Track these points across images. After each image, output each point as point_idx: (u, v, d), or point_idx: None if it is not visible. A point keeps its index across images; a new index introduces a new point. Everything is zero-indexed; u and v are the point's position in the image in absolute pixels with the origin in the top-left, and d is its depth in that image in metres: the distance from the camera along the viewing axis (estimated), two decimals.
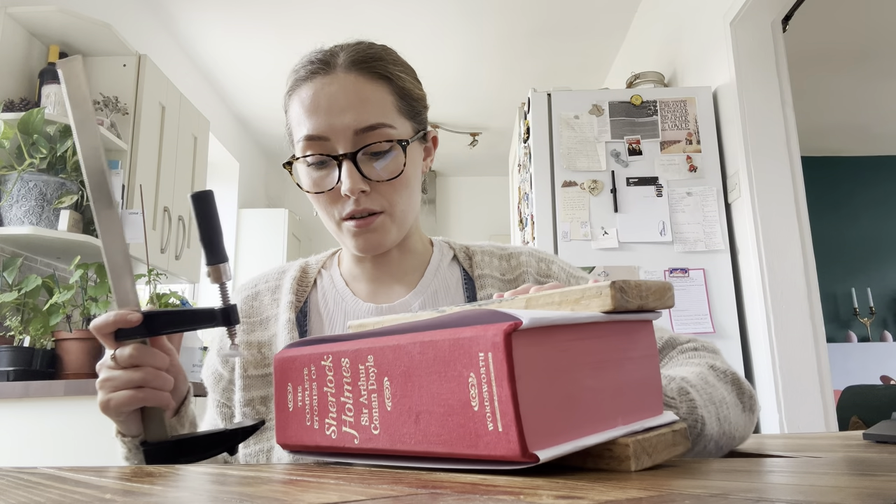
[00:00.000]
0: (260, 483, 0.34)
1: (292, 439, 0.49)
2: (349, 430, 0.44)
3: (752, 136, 2.27)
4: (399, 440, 0.41)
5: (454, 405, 0.37)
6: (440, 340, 0.39)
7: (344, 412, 0.45)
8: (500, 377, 0.35)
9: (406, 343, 0.41)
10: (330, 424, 0.46)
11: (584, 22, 3.61)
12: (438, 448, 0.38)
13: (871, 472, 0.37)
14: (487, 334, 0.36)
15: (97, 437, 1.69)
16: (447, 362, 0.38)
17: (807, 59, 3.82)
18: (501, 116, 4.77)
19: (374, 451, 0.43)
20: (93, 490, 0.32)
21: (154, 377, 0.60)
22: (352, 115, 0.69)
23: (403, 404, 0.41)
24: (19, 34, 2.42)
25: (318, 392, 0.47)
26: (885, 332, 4.87)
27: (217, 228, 0.63)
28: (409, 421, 0.40)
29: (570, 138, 2.46)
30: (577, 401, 0.38)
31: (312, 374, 0.47)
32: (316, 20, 3.55)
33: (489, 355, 0.35)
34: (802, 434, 0.95)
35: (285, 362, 0.50)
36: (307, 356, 0.48)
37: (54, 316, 1.92)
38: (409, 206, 0.76)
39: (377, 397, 0.42)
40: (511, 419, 0.34)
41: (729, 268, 2.31)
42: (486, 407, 0.36)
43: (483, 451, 0.36)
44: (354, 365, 0.44)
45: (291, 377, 0.49)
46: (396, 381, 0.41)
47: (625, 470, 0.37)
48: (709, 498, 0.25)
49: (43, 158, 2.19)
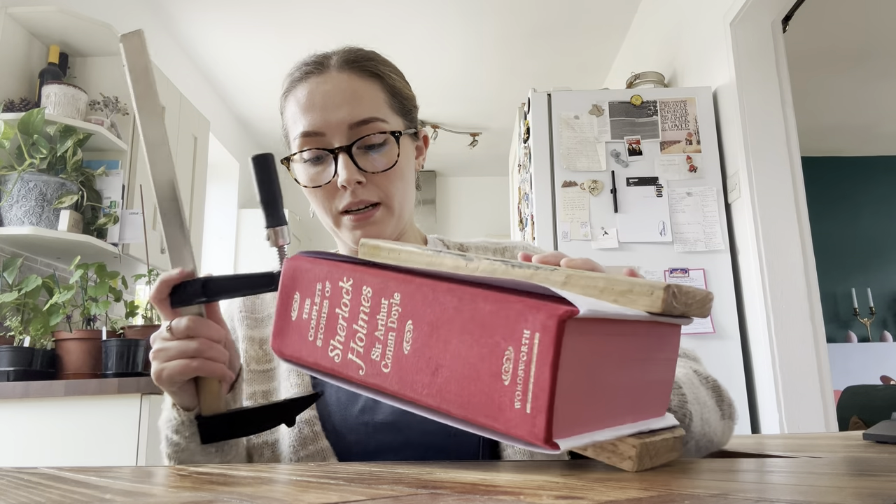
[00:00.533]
0: (260, 483, 0.34)
1: (289, 349, 0.47)
2: (356, 359, 0.43)
3: (752, 136, 2.27)
4: (410, 387, 0.39)
5: (481, 372, 0.36)
6: (482, 303, 0.37)
7: (354, 340, 0.43)
8: (543, 361, 0.34)
9: (442, 292, 0.39)
10: (335, 347, 0.44)
11: (584, 22, 3.60)
12: (452, 408, 0.37)
13: (871, 473, 0.37)
14: (539, 315, 0.34)
15: (97, 437, 1.70)
16: (485, 327, 0.37)
17: (807, 59, 3.82)
18: (501, 116, 4.77)
19: (379, 388, 0.41)
20: (93, 490, 0.32)
21: (209, 347, 0.59)
22: (346, 109, 0.72)
23: (423, 353, 0.39)
24: (19, 34, 2.42)
25: (329, 311, 0.45)
26: (885, 333, 4.87)
27: (277, 191, 0.62)
28: (425, 371, 0.39)
29: (570, 138, 2.46)
30: (599, 395, 0.38)
31: (326, 292, 0.45)
32: (316, 20, 3.55)
33: (536, 336, 0.34)
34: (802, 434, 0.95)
35: (298, 271, 0.48)
36: (324, 271, 0.46)
37: (54, 316, 1.91)
38: (405, 199, 0.77)
39: (395, 337, 0.41)
40: (543, 404, 0.34)
41: (729, 268, 2.31)
42: (517, 384, 0.35)
43: (502, 425, 0.35)
44: (377, 297, 0.42)
45: (301, 287, 0.47)
46: (421, 328, 0.40)
47: (624, 469, 0.37)
48: (709, 498, 0.25)
49: (43, 158, 2.19)
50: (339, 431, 0.70)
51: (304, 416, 0.70)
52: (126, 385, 1.71)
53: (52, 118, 2.25)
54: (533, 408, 0.34)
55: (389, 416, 0.69)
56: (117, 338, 1.87)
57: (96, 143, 2.45)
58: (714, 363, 2.22)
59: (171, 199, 0.61)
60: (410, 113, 0.80)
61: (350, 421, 0.70)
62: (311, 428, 0.69)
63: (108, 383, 1.71)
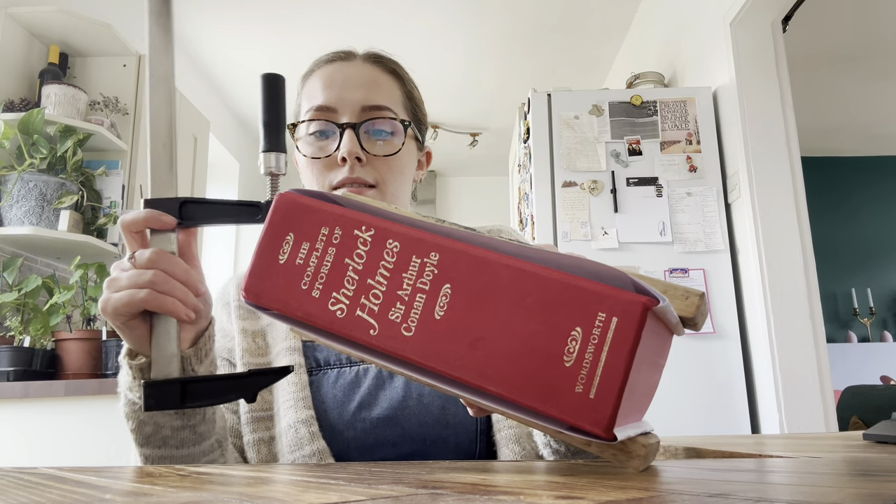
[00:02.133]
0: (260, 483, 0.34)
1: (270, 295, 0.42)
2: (367, 317, 0.39)
3: (752, 136, 2.27)
4: (439, 357, 0.36)
5: (537, 349, 0.34)
6: (548, 278, 0.35)
7: (367, 297, 0.39)
8: (619, 347, 0.33)
9: (495, 261, 0.37)
10: (338, 301, 0.40)
11: (584, 22, 3.61)
12: (492, 385, 0.35)
13: (872, 473, 0.37)
14: (620, 298, 0.33)
15: (97, 437, 1.70)
16: (548, 304, 0.35)
17: (807, 59, 3.82)
18: (501, 116, 4.77)
19: (394, 353, 0.38)
20: (93, 490, 0.32)
21: (163, 281, 0.52)
22: (362, 92, 0.75)
23: (461, 322, 0.36)
24: (19, 34, 2.42)
25: (335, 259, 0.40)
26: (885, 333, 4.87)
27: (282, 114, 0.58)
28: (461, 342, 0.36)
29: (570, 138, 2.46)
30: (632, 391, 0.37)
31: (335, 238, 0.41)
32: (316, 20, 3.55)
33: (613, 320, 0.33)
34: (802, 434, 0.95)
35: (295, 208, 0.43)
36: (334, 214, 0.41)
37: (54, 316, 1.91)
38: (399, 191, 0.78)
39: (424, 299, 0.37)
40: (613, 392, 0.33)
41: (729, 268, 2.32)
42: (583, 368, 0.33)
43: (555, 409, 0.34)
44: (406, 253, 0.39)
45: (298, 227, 0.42)
46: (462, 294, 0.36)
47: (630, 468, 0.37)
48: (709, 498, 0.25)
49: (43, 158, 2.19)
50: (336, 429, 0.69)
51: (301, 417, 0.68)
52: None
53: (52, 118, 2.25)
54: (598, 393, 0.33)
55: (387, 411, 0.69)
56: (117, 338, 1.87)
57: (96, 143, 2.45)
58: (714, 363, 2.23)
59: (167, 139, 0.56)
60: (420, 123, 0.83)
61: (347, 418, 0.69)
62: (308, 428, 0.68)
63: (108, 383, 1.71)
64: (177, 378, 0.51)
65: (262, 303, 0.42)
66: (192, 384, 0.51)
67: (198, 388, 0.51)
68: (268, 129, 0.57)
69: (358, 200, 0.43)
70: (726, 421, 2.18)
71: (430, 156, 0.88)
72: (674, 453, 0.69)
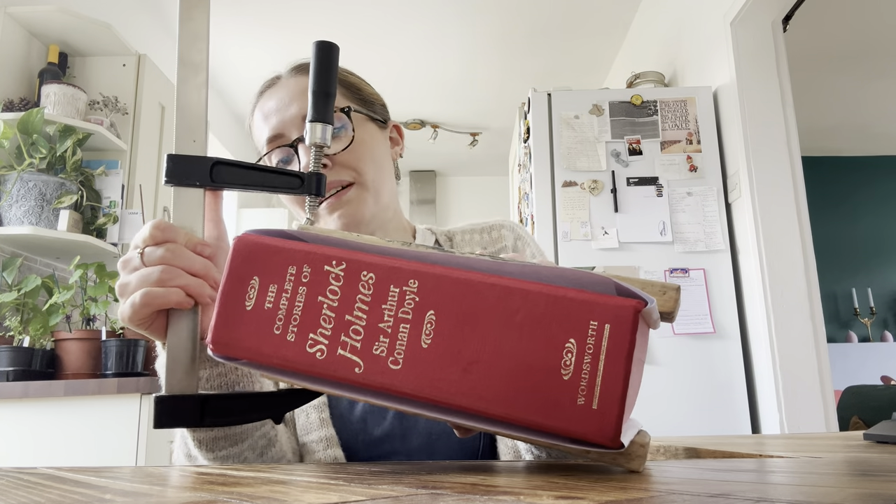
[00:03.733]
0: (260, 483, 0.34)
1: (242, 345, 0.39)
2: (350, 355, 0.37)
3: (753, 135, 2.27)
4: (432, 386, 0.35)
5: (534, 366, 0.34)
6: (535, 293, 0.34)
7: (348, 333, 0.37)
8: (615, 353, 0.33)
9: (478, 282, 0.36)
10: (317, 342, 0.38)
11: (584, 22, 3.60)
12: (491, 407, 0.34)
13: (872, 473, 0.37)
14: (610, 305, 0.33)
15: (97, 437, 1.69)
16: (538, 319, 0.34)
17: (807, 59, 3.82)
18: (501, 116, 4.77)
19: (384, 388, 0.36)
20: (92, 490, 0.32)
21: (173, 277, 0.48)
22: (297, 105, 0.75)
23: (450, 347, 0.35)
24: (19, 34, 2.42)
25: (308, 299, 0.38)
26: (885, 333, 4.87)
27: (332, 86, 0.54)
28: (453, 368, 0.35)
29: (571, 138, 2.46)
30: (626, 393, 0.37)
31: (304, 276, 0.39)
32: (316, 20, 3.55)
33: (605, 327, 0.33)
34: (803, 434, 0.95)
35: (259, 251, 0.40)
36: (301, 252, 0.39)
37: (54, 316, 1.91)
38: (378, 178, 0.77)
39: (408, 329, 0.36)
40: (615, 400, 0.32)
41: (729, 268, 2.31)
42: (582, 379, 0.33)
43: (558, 424, 0.33)
44: (384, 283, 0.37)
45: (262, 269, 0.40)
46: (447, 319, 0.36)
47: (631, 469, 0.37)
48: (709, 498, 0.25)
49: (42, 158, 2.19)
50: (346, 418, 0.71)
51: (315, 402, 0.70)
52: (125, 385, 1.71)
53: (52, 118, 2.25)
54: (601, 403, 0.32)
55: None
56: (117, 338, 1.87)
57: (96, 142, 2.45)
58: (714, 363, 2.22)
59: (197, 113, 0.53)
60: (372, 105, 0.81)
61: (357, 408, 0.71)
62: (319, 414, 0.70)
63: (107, 383, 1.71)
64: (194, 394, 0.46)
65: (233, 353, 0.40)
66: (213, 400, 0.46)
67: (219, 404, 0.46)
68: (316, 98, 0.53)
69: (318, 233, 0.41)
70: (726, 421, 2.18)
71: (400, 129, 0.86)
72: (674, 453, 0.69)
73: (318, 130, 0.53)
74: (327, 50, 0.54)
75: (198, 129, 0.53)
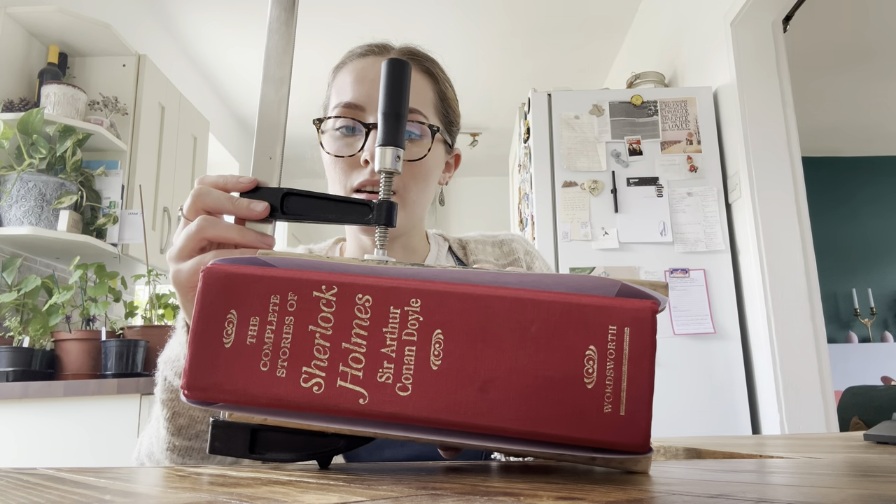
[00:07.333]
0: (260, 484, 0.34)
1: (221, 386, 0.35)
2: (352, 386, 0.34)
3: (753, 136, 2.27)
4: (447, 409, 0.33)
5: (555, 378, 0.32)
6: (549, 302, 0.33)
7: (346, 363, 0.35)
8: (638, 356, 0.32)
9: (486, 295, 0.34)
10: (312, 375, 0.35)
11: (584, 22, 3.61)
12: (513, 425, 0.33)
13: (872, 474, 0.37)
14: (627, 308, 0.32)
15: (97, 437, 1.69)
16: (554, 328, 0.33)
17: (807, 59, 3.82)
18: (501, 116, 4.77)
19: (393, 417, 0.34)
20: (92, 491, 0.32)
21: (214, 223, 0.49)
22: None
23: (463, 367, 0.33)
24: (19, 34, 2.42)
25: (296, 329, 0.35)
26: (885, 333, 4.87)
27: (404, 108, 0.50)
28: (468, 388, 0.33)
29: (571, 138, 2.46)
30: None
31: (290, 305, 0.35)
32: (315, 21, 3.55)
33: (626, 330, 0.32)
34: (803, 435, 0.95)
35: (233, 281, 0.36)
36: (284, 278, 0.36)
37: (54, 316, 1.91)
38: (419, 198, 0.75)
39: (415, 352, 0.34)
40: (643, 404, 0.31)
41: (729, 268, 2.32)
42: (606, 386, 0.32)
43: (589, 434, 0.32)
44: (382, 305, 0.35)
45: (239, 301, 0.36)
46: (456, 337, 0.34)
47: (638, 471, 0.37)
48: (709, 499, 0.25)
49: (42, 159, 2.19)
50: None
51: None
52: (125, 385, 1.71)
53: (52, 118, 2.25)
54: (629, 408, 0.32)
55: None
56: (116, 338, 1.87)
57: (96, 143, 2.45)
58: (715, 363, 2.22)
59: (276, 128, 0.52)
60: (452, 126, 0.80)
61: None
62: None
63: (107, 384, 1.71)
64: (248, 424, 0.42)
65: (211, 398, 0.36)
66: (265, 433, 0.42)
67: (270, 437, 0.42)
68: (386, 120, 0.50)
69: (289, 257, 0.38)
70: (727, 421, 2.18)
71: (460, 158, 0.84)
72: (674, 454, 0.69)
73: (389, 156, 0.49)
74: (399, 69, 0.50)
75: (275, 146, 0.52)
